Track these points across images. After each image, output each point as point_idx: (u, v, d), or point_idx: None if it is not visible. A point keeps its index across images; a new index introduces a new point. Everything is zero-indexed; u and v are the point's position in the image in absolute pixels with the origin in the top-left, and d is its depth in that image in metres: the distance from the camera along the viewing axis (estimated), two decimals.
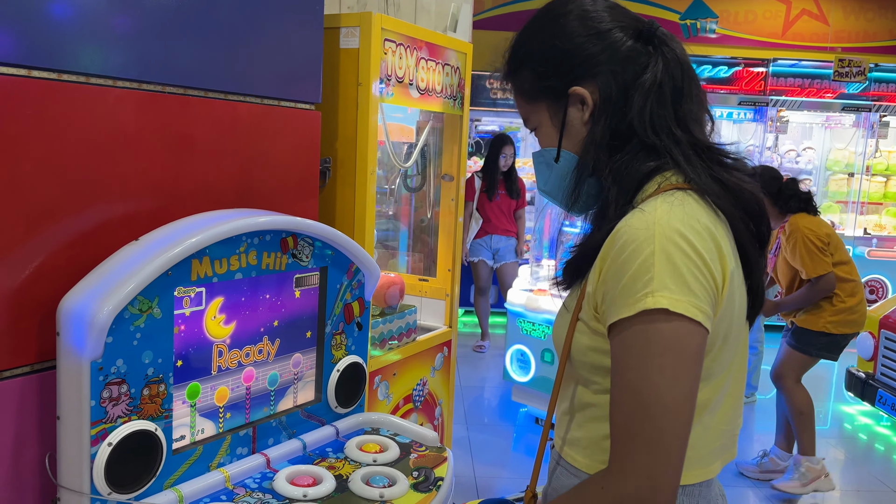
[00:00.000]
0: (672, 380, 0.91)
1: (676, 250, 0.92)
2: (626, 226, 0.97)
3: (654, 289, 0.91)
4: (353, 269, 1.84)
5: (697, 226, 0.96)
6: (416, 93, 2.27)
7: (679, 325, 0.91)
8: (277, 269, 1.65)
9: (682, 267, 0.92)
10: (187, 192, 1.67)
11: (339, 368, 1.84)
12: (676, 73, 1.06)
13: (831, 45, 7.41)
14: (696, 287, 0.92)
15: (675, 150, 1.03)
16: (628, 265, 0.93)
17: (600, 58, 1.06)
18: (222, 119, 1.73)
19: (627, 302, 0.93)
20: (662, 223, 0.94)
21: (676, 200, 0.98)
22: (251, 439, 1.64)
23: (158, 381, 1.41)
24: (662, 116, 1.04)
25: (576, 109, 1.08)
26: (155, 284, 1.36)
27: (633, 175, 1.04)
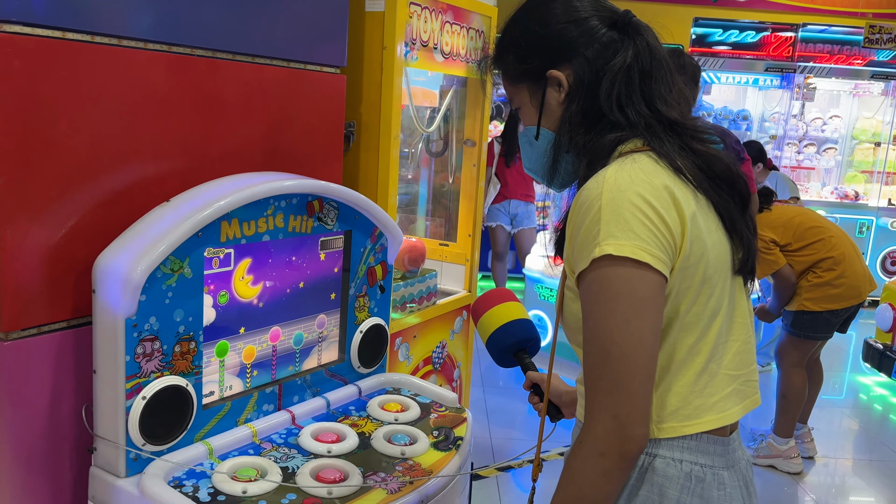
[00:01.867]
0: (624, 322, 0.96)
1: (622, 201, 0.99)
2: (583, 189, 1.04)
3: (601, 239, 0.98)
4: (377, 233, 1.87)
5: (644, 177, 1.02)
6: (441, 57, 2.27)
7: (626, 269, 0.97)
8: (303, 231, 1.68)
9: (627, 215, 0.98)
10: (216, 153, 1.70)
11: (362, 330, 1.88)
12: (645, 58, 1.12)
13: (862, 10, 7.24)
14: (642, 232, 0.98)
15: (638, 122, 1.10)
16: (582, 223, 1.01)
17: (577, 43, 1.13)
18: (250, 82, 1.75)
19: (583, 255, 1.00)
20: (610, 180, 1.01)
21: (629, 160, 1.05)
22: (277, 396, 1.69)
23: (189, 338, 1.45)
24: (628, 96, 1.11)
25: (553, 90, 1.15)
26: (186, 245, 1.40)
27: (599, 147, 1.11)
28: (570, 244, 1.05)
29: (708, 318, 1.06)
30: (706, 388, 1.07)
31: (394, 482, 1.47)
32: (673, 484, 1.05)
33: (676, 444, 1.06)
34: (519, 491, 3.30)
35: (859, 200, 6.92)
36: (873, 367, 4.49)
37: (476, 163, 2.61)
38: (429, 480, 1.51)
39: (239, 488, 1.38)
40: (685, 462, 1.06)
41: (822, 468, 3.65)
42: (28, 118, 1.33)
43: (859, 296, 3.34)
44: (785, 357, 3.48)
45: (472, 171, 2.63)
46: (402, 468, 1.53)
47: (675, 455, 1.06)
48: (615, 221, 0.98)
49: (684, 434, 1.06)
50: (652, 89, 1.12)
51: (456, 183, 2.78)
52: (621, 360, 0.96)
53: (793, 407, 3.45)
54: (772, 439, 3.54)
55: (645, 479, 1.06)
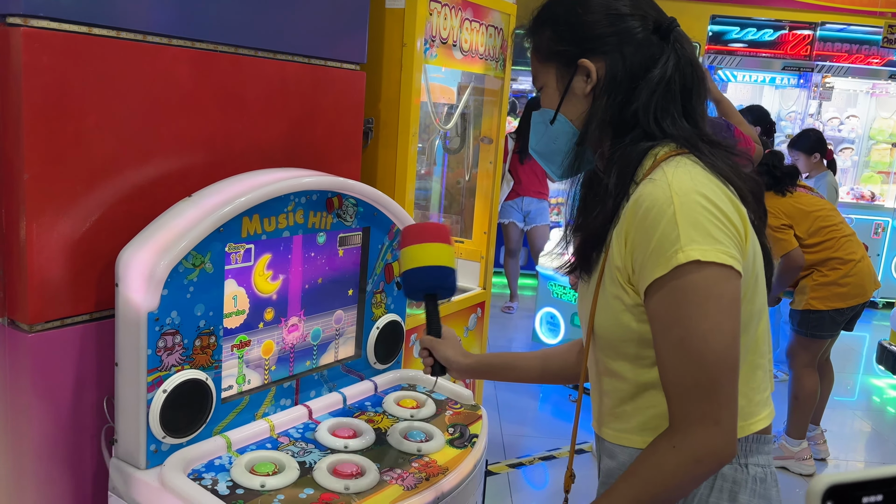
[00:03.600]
0: (717, 325, 0.96)
1: (695, 205, 0.98)
2: (643, 195, 1.02)
3: (683, 244, 0.97)
4: (395, 229, 1.87)
5: (705, 180, 1.02)
6: (460, 54, 2.27)
7: (712, 273, 0.96)
8: (322, 227, 1.69)
9: (702, 219, 0.98)
10: (238, 149, 1.71)
11: (379, 326, 1.88)
12: (687, 71, 1.11)
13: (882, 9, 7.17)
14: (719, 235, 0.98)
15: (676, 135, 1.09)
16: (654, 229, 0.99)
17: (613, 38, 1.11)
18: (271, 78, 1.76)
19: (659, 262, 0.98)
20: (675, 184, 1.00)
21: (679, 163, 1.04)
22: (294, 391, 1.71)
23: (209, 332, 1.47)
24: (667, 110, 1.10)
25: (581, 80, 1.14)
26: (208, 241, 1.41)
27: (632, 156, 1.09)
28: (632, 251, 1.03)
29: (758, 313, 1.08)
30: (761, 383, 1.10)
31: (410, 478, 1.48)
32: (742, 488, 1.06)
33: (742, 445, 1.07)
34: (530, 488, 3.31)
35: (875, 201, 6.87)
36: (887, 370, 4.47)
37: (493, 160, 2.62)
38: (445, 477, 1.51)
39: (257, 482, 1.39)
40: (751, 465, 1.07)
41: (834, 470, 3.63)
42: (55, 113, 1.34)
43: (864, 294, 3.34)
44: (795, 358, 3.47)
45: (488, 168, 2.63)
46: (418, 465, 1.54)
47: (739, 459, 1.07)
48: (694, 226, 0.97)
49: (749, 433, 1.07)
50: (693, 106, 1.11)
51: (472, 180, 2.79)
52: (717, 365, 0.96)
53: (805, 408, 3.44)
54: (784, 441, 3.53)
55: (714, 485, 1.07)
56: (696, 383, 0.96)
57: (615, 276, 1.08)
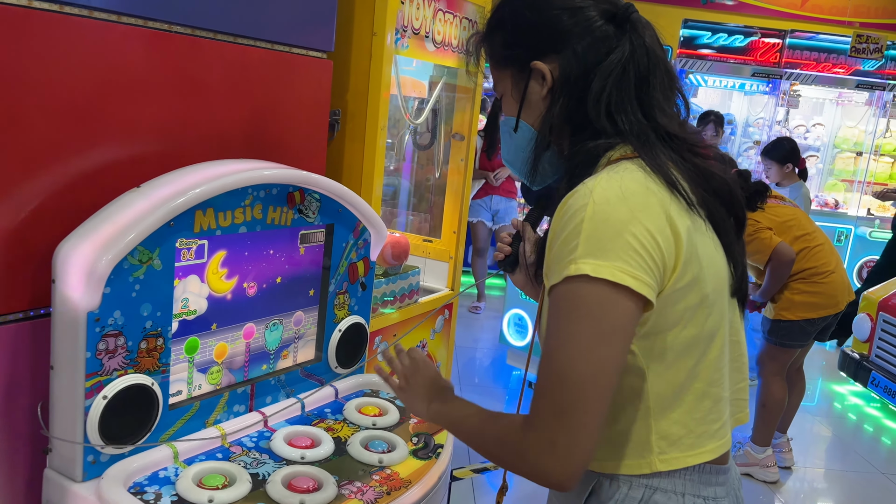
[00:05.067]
0: (587, 349, 0.88)
1: (607, 217, 0.90)
2: (568, 197, 0.96)
3: (578, 255, 0.89)
4: (360, 227, 1.78)
5: (635, 187, 0.94)
6: (432, 46, 2.18)
7: (599, 291, 0.88)
8: (283, 224, 1.59)
9: (609, 233, 0.90)
10: (193, 137, 1.60)
11: (341, 328, 1.79)
12: (642, 60, 1.03)
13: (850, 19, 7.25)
14: (625, 253, 0.89)
15: (628, 131, 1.01)
16: (560, 233, 0.93)
17: (567, 35, 1.04)
18: (232, 63, 1.65)
19: (556, 269, 0.92)
20: (598, 191, 0.93)
21: (619, 168, 0.97)
22: (249, 397, 1.60)
23: (156, 334, 1.36)
24: (620, 101, 1.02)
25: (536, 83, 1.07)
26: (157, 235, 1.31)
27: (584, 155, 1.02)
28: (548, 252, 0.97)
29: (707, 339, 0.99)
30: (709, 414, 1.00)
31: (370, 493, 1.39)
32: None
33: (679, 476, 0.99)
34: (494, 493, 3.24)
35: (839, 209, 6.95)
36: (849, 377, 4.50)
37: (464, 157, 2.53)
38: (408, 491, 1.43)
39: (205, 496, 1.29)
40: (688, 496, 0.99)
41: (796, 477, 3.64)
42: None
43: (836, 305, 3.30)
44: (764, 366, 3.45)
45: (459, 165, 2.55)
46: (379, 477, 1.45)
47: (677, 488, 0.99)
48: (597, 239, 0.89)
49: (688, 465, 0.99)
50: (649, 96, 1.03)
51: (442, 177, 2.70)
52: (576, 389, 0.87)
53: (772, 416, 3.43)
54: (749, 447, 3.52)
55: None
56: (551, 399, 0.89)
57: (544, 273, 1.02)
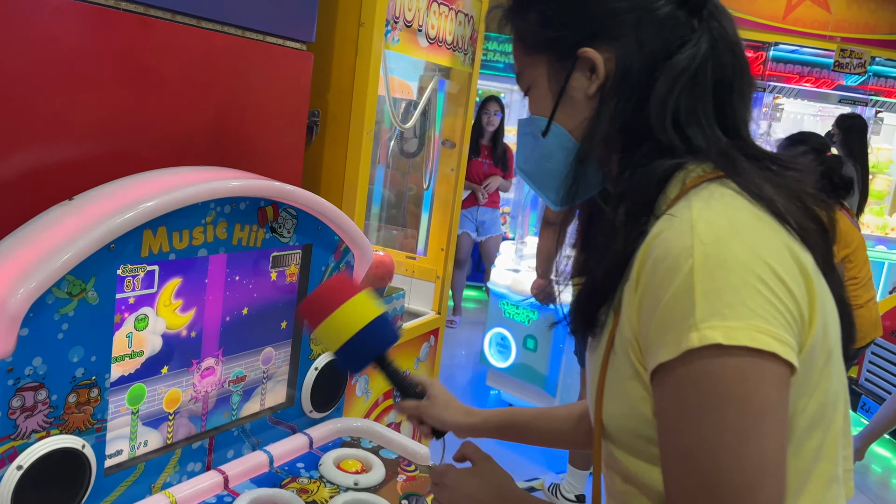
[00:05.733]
0: (738, 443, 0.65)
1: (727, 262, 0.66)
2: (657, 237, 0.72)
3: (699, 319, 0.65)
4: (342, 248, 1.52)
5: (745, 218, 0.70)
6: (425, 41, 1.93)
7: (740, 364, 0.65)
8: (251, 245, 1.32)
9: (736, 282, 0.65)
10: (143, 139, 1.33)
11: (318, 366, 1.53)
12: (725, 57, 0.80)
13: (832, 33, 7.17)
14: (761, 307, 0.65)
15: (706, 148, 0.77)
16: (663, 289, 0.68)
17: (627, 17, 0.81)
18: (193, 50, 1.39)
19: (666, 340, 0.67)
20: (702, 227, 0.68)
21: (714, 194, 0.72)
22: (207, 452, 1.33)
23: (90, 384, 1.09)
24: (694, 112, 0.78)
25: (582, 76, 0.84)
26: (93, 260, 1.03)
27: (651, 179, 0.78)
28: (640, 317, 0.73)
29: (832, 406, 0.76)
30: (835, 501, 0.77)
31: None
32: None
33: None
34: None
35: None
36: None
37: (455, 167, 2.29)
38: None
39: None
40: None
41: None
42: None
43: (860, 340, 3.09)
44: None
45: (449, 175, 2.30)
46: None
47: None
48: (719, 293, 0.65)
49: None
50: (732, 105, 0.80)
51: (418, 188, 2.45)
52: (736, 498, 0.64)
53: None
54: None
55: None
56: None
57: (627, 349, 0.76)
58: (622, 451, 0.80)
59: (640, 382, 0.75)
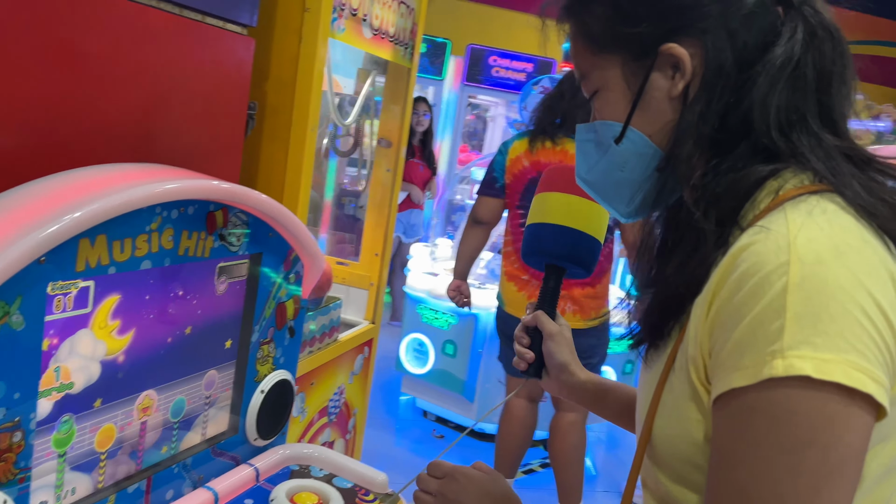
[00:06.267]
0: (809, 492, 0.58)
1: (827, 286, 0.59)
2: (746, 250, 0.64)
3: (787, 344, 0.58)
4: (292, 257, 1.37)
5: (851, 240, 0.63)
6: (370, 32, 1.80)
7: (829, 401, 0.57)
8: (199, 255, 1.15)
9: (835, 311, 0.58)
10: (69, 131, 1.13)
11: (265, 389, 1.36)
12: (826, 47, 0.73)
13: None
14: (861, 342, 0.58)
15: (812, 153, 0.70)
16: (748, 306, 0.61)
17: (713, 7, 0.73)
18: (121, 27, 1.19)
19: (743, 362, 0.60)
20: (802, 243, 0.61)
21: (816, 208, 0.65)
22: (143, 493, 1.15)
23: (12, 426, 0.89)
24: (798, 110, 0.71)
25: (663, 76, 0.76)
26: (19, 277, 0.84)
27: (741, 184, 0.71)
28: (712, 331, 0.65)
29: None
30: None
31: None
32: None
33: None
34: None
35: None
36: None
37: (392, 167, 2.15)
38: None
39: None
40: None
41: None
42: None
43: None
44: None
45: (384, 176, 2.16)
46: None
47: None
48: (815, 318, 0.58)
49: None
50: (834, 105, 0.73)
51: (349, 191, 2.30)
52: None
53: None
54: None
55: None
56: None
57: (688, 367, 0.69)
58: (666, 474, 0.73)
59: (698, 404, 0.68)
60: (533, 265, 1.14)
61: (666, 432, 0.72)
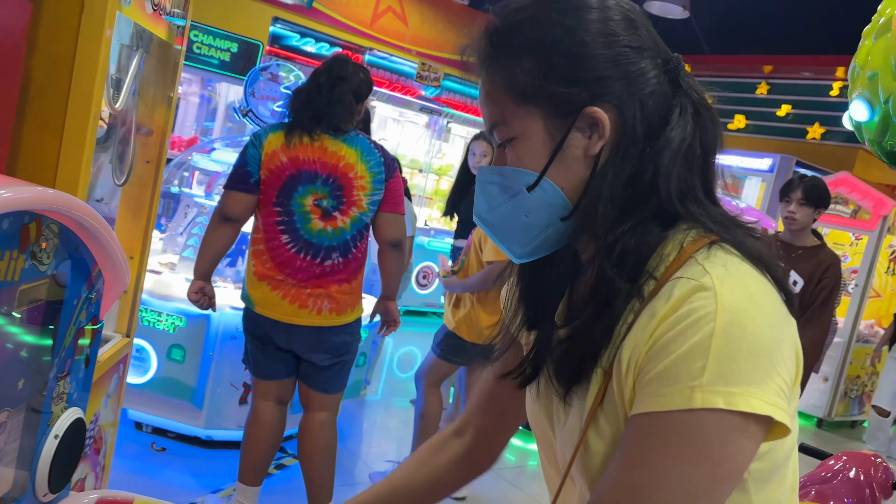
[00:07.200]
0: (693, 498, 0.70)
1: (744, 328, 0.70)
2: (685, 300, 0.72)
3: (706, 381, 0.68)
4: (95, 273, 1.15)
5: (759, 286, 0.75)
6: (150, 7, 1.55)
7: (731, 426, 0.69)
8: (10, 279, 0.91)
9: (748, 351, 0.70)
10: None
11: (58, 433, 1.13)
12: (708, 126, 0.84)
13: (409, 46, 7.94)
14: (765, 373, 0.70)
15: (702, 218, 0.81)
16: (677, 343, 0.71)
17: (628, 77, 0.81)
18: None
19: (665, 391, 0.70)
20: (725, 294, 0.71)
21: (718, 258, 0.76)
22: None
23: None
24: (689, 184, 0.82)
25: (581, 134, 0.81)
26: None
27: (649, 241, 0.80)
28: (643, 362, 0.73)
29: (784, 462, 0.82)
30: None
31: None
32: None
33: None
34: None
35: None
36: None
37: (154, 159, 1.89)
38: None
39: None
40: None
41: None
42: None
43: None
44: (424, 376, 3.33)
45: (145, 170, 1.89)
46: None
47: None
48: (732, 358, 0.68)
49: None
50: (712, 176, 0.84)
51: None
52: None
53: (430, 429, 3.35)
54: None
55: None
56: None
57: (624, 402, 0.76)
58: None
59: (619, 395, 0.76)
60: None
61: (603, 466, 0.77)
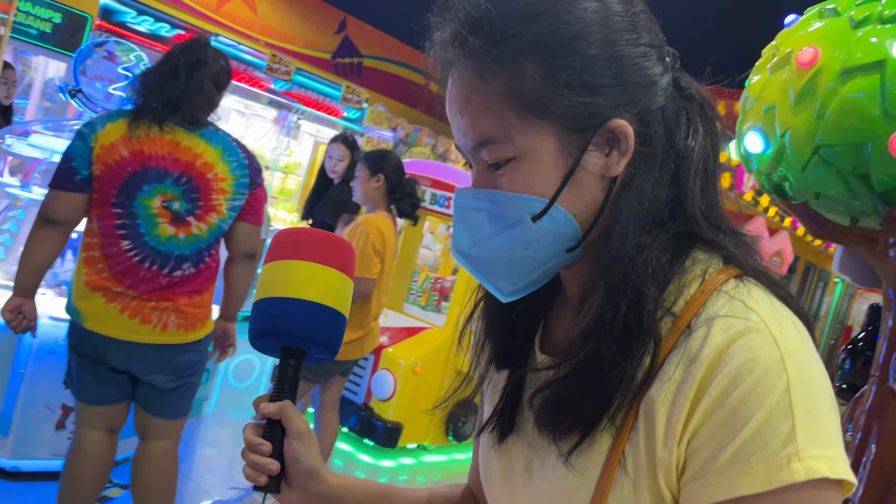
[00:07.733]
0: None
1: (812, 379, 0.62)
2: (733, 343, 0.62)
3: (802, 447, 0.59)
4: None
5: (802, 330, 0.66)
6: None
7: (832, 496, 0.60)
8: None
9: (822, 405, 0.61)
10: None
11: None
12: (717, 138, 0.76)
13: (258, 36, 7.54)
14: (837, 430, 0.63)
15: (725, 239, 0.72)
16: (750, 405, 0.59)
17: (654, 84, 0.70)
18: None
19: (751, 468, 0.59)
20: (784, 339, 0.62)
21: (763, 297, 0.66)
22: None
23: None
24: (711, 202, 0.73)
25: (599, 153, 0.68)
26: None
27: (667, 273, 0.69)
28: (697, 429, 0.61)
29: None
30: None
31: None
32: None
33: None
34: None
35: None
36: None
37: None
38: None
39: None
40: None
41: None
42: None
43: (364, 351, 3.22)
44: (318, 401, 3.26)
45: None
46: None
47: None
48: (813, 417, 0.59)
49: None
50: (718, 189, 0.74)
51: None
52: None
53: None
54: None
55: None
56: None
57: (654, 472, 0.63)
58: None
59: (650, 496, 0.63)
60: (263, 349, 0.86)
61: None
